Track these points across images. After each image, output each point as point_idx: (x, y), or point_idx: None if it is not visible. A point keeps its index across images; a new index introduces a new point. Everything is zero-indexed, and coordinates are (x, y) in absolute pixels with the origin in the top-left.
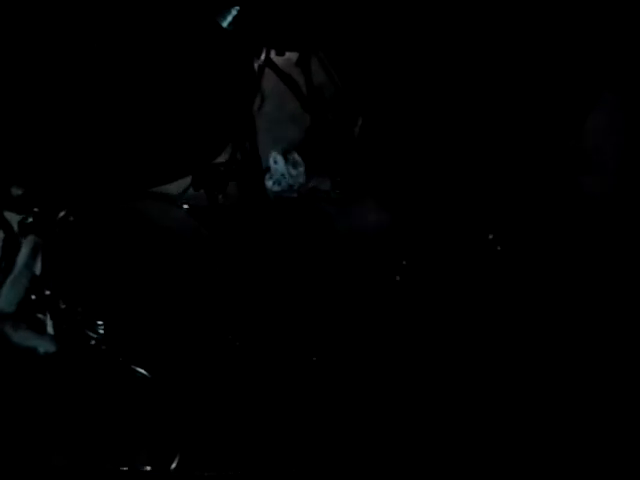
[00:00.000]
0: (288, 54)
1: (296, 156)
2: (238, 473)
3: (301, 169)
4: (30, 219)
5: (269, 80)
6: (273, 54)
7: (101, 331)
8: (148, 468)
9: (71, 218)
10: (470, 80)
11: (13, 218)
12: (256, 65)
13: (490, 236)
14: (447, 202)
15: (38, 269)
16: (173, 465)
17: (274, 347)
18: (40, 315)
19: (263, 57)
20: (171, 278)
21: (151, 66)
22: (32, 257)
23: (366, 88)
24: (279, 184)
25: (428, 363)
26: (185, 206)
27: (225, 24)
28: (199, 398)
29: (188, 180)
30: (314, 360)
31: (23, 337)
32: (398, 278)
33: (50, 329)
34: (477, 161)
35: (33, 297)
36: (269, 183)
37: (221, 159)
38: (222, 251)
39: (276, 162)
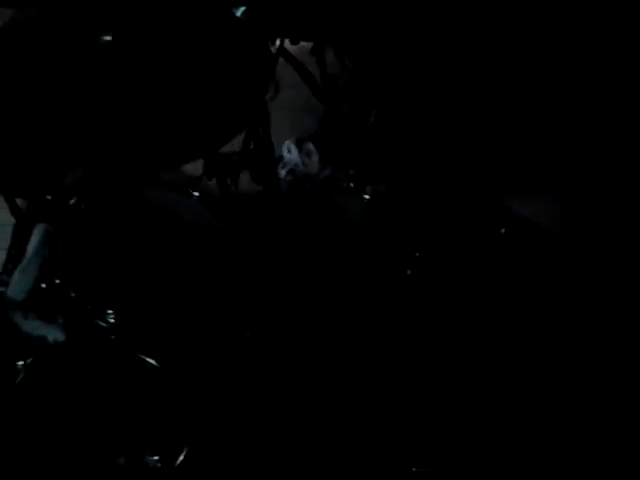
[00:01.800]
0: (303, 43)
1: (310, 146)
2: (245, 468)
3: (315, 159)
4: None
5: (284, 69)
6: (287, 43)
7: (111, 320)
8: (155, 458)
9: (82, 205)
10: (483, 72)
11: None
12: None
13: (502, 230)
14: (460, 194)
15: (48, 257)
16: (180, 458)
17: (283, 340)
18: (50, 304)
19: (277, 45)
20: (182, 267)
21: (166, 52)
22: (42, 245)
23: (381, 78)
24: (292, 173)
25: (437, 358)
26: (196, 194)
27: (239, 12)
28: (208, 390)
29: (200, 169)
30: (321, 353)
31: (33, 326)
32: (409, 272)
33: (60, 318)
34: (490, 152)
35: (43, 285)
36: (282, 172)
37: (234, 147)
38: (233, 241)
39: (290, 151)
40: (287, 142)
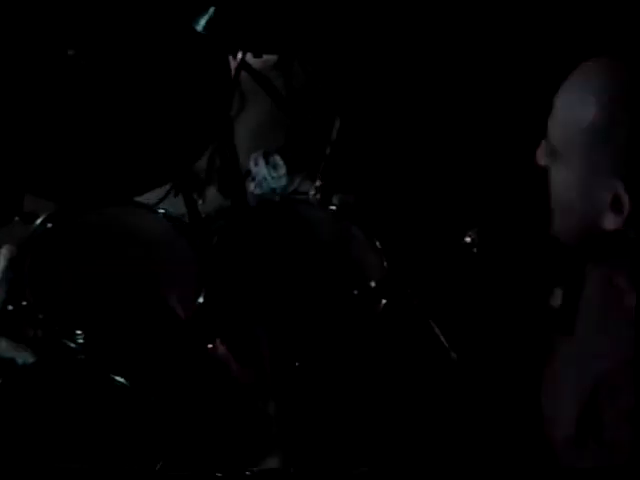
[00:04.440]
0: (267, 56)
1: (277, 158)
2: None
3: (282, 171)
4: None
5: (250, 83)
6: (250, 56)
7: (80, 340)
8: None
9: (49, 225)
10: (446, 84)
11: None
12: (232, 67)
13: (467, 239)
14: (425, 203)
15: (15, 279)
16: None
17: (256, 352)
18: (18, 326)
19: (239, 59)
20: (149, 285)
21: (126, 72)
22: (8, 267)
23: (345, 89)
24: (260, 187)
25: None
26: (161, 211)
27: (200, 28)
28: (180, 406)
29: (166, 185)
30: (297, 366)
31: (1, 348)
32: (373, 284)
33: (28, 340)
34: (453, 162)
35: (10, 308)
36: (250, 186)
37: (201, 163)
38: (201, 257)
39: (257, 165)
40: (254, 155)
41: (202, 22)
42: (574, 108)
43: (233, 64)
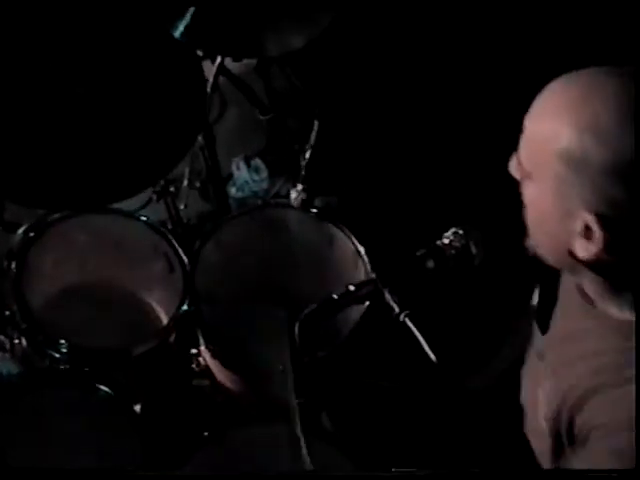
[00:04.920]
0: (246, 60)
1: (259, 162)
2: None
3: (264, 175)
4: None
5: (230, 87)
6: (229, 60)
7: (63, 350)
8: None
9: (31, 234)
10: (426, 87)
11: None
12: (211, 72)
13: (445, 240)
14: (407, 203)
15: None
16: None
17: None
18: (1, 336)
19: (218, 64)
20: (132, 292)
21: (103, 80)
22: None
23: (324, 91)
24: (242, 190)
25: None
26: (143, 218)
27: (177, 34)
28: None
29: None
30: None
31: None
32: (352, 288)
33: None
34: (434, 162)
35: None
36: (232, 190)
37: (182, 168)
38: (182, 262)
39: (239, 168)
40: (236, 159)
41: (180, 28)
42: (546, 133)
43: (212, 69)
